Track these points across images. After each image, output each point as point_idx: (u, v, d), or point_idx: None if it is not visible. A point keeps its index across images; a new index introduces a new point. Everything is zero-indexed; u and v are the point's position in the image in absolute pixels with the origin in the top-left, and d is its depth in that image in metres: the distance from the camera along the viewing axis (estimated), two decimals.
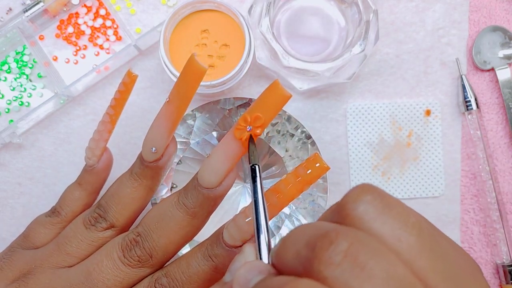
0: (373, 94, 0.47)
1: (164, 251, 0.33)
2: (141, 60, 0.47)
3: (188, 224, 0.33)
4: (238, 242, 0.31)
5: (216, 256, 0.32)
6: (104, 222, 0.35)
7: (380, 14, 0.47)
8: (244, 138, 0.31)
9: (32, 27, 0.46)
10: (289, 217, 0.43)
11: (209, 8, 0.44)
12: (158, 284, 0.32)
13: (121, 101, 0.37)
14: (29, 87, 0.47)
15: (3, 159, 0.47)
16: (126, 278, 0.32)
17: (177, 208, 0.33)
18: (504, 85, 0.46)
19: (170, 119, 0.33)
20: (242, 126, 0.31)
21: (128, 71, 0.36)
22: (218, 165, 0.32)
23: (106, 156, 0.38)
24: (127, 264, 0.32)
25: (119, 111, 0.37)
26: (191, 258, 0.32)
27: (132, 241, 0.33)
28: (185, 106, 0.33)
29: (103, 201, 0.35)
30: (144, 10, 0.47)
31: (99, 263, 0.33)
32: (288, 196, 0.31)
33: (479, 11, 0.48)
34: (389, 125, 0.47)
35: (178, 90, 0.33)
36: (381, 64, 0.47)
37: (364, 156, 0.46)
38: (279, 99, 0.30)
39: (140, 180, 0.35)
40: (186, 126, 0.43)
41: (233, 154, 0.32)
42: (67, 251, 0.34)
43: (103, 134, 0.38)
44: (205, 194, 0.32)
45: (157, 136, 0.34)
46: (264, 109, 0.30)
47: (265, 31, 0.42)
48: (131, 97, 0.47)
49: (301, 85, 0.45)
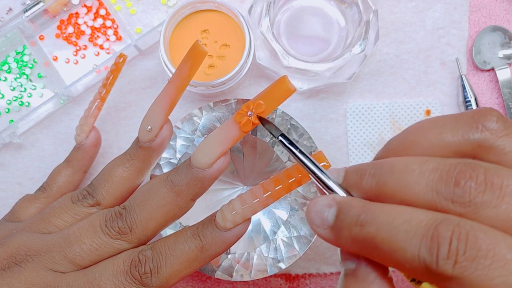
0: (373, 94, 0.47)
1: (143, 226, 0.33)
2: (141, 60, 0.47)
3: (171, 202, 0.33)
4: (229, 224, 0.31)
5: (205, 236, 0.32)
6: (90, 199, 0.35)
7: (380, 14, 0.47)
8: (243, 122, 0.31)
9: (32, 27, 0.46)
10: (285, 223, 0.43)
11: (209, 8, 0.44)
12: (141, 255, 0.32)
13: (112, 79, 0.41)
14: (29, 87, 0.47)
15: (3, 159, 0.47)
16: (102, 247, 0.32)
17: (164, 185, 0.33)
18: (504, 85, 0.46)
19: (168, 98, 0.34)
20: (243, 111, 0.32)
21: (120, 53, 0.42)
22: (212, 146, 0.32)
23: (94, 134, 0.42)
24: (107, 233, 0.32)
25: (109, 89, 0.42)
26: (180, 234, 0.32)
27: (117, 213, 0.33)
28: (183, 86, 0.34)
29: (95, 180, 0.36)
30: (144, 10, 0.47)
31: (80, 228, 0.33)
32: (285, 184, 0.31)
33: (479, 11, 0.48)
34: (389, 125, 0.47)
35: (179, 71, 0.34)
36: (381, 64, 0.47)
37: (364, 156, 0.46)
38: (283, 91, 0.31)
39: (132, 161, 0.36)
40: (192, 123, 0.43)
41: (228, 137, 0.32)
42: (50, 220, 0.35)
43: (93, 111, 0.41)
44: (194, 173, 0.32)
45: (153, 114, 0.35)
46: (267, 98, 0.31)
47: (265, 31, 0.42)
48: (131, 97, 0.47)
49: (301, 85, 0.45)
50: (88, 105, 0.42)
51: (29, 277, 0.32)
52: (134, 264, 0.31)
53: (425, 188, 0.22)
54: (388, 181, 0.23)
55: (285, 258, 0.41)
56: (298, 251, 0.41)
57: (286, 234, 0.43)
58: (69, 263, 0.32)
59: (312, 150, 0.43)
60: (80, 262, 0.32)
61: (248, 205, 0.31)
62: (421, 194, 0.22)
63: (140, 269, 0.31)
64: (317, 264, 0.46)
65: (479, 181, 0.21)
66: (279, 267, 0.41)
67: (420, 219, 0.21)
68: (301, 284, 0.46)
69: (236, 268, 0.42)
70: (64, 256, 0.32)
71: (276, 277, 0.46)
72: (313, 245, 0.46)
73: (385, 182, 0.23)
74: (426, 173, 0.22)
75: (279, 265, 0.41)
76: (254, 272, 0.41)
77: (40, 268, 0.32)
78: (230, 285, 0.46)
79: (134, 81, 0.47)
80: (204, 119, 0.43)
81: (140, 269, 0.31)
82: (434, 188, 0.22)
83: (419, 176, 0.22)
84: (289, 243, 0.42)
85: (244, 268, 0.42)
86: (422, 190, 0.22)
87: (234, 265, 0.42)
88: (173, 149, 0.43)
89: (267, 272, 0.41)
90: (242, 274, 0.41)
